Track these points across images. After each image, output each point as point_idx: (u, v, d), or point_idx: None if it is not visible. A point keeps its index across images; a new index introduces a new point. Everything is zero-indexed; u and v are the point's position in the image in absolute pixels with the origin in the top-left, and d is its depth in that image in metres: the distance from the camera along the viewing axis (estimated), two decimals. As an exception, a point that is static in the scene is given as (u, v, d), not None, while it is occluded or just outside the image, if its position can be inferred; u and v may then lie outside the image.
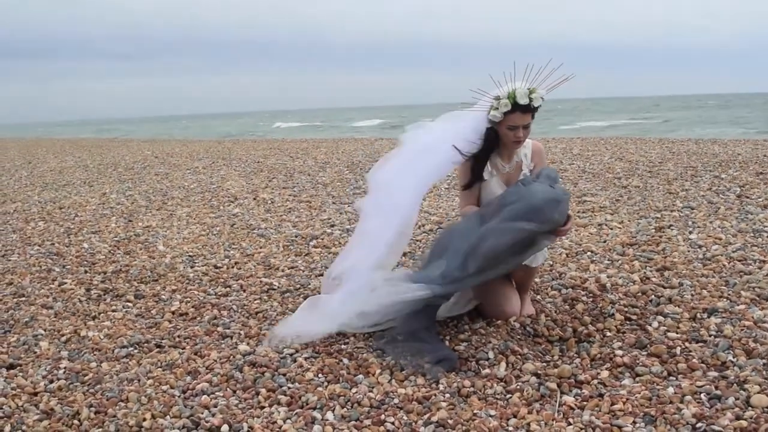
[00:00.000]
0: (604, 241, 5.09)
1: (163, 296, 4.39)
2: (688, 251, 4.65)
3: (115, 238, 6.20)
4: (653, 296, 3.77)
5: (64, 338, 3.73)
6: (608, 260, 4.56)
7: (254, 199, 8.22)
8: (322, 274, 4.61)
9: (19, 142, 28.93)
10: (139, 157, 15.68)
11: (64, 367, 3.29)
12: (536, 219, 3.13)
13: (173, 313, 4.06)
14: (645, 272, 4.22)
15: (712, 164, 9.05)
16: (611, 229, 5.52)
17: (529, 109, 3.25)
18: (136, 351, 3.48)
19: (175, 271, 4.93)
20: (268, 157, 14.05)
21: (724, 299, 3.66)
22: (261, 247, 5.57)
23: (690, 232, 5.20)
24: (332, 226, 6.30)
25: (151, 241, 6.00)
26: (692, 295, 3.76)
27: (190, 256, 5.39)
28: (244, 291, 4.39)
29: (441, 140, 3.41)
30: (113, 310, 4.17)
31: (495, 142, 3.41)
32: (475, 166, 3.46)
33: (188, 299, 4.28)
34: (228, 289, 4.46)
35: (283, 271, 4.80)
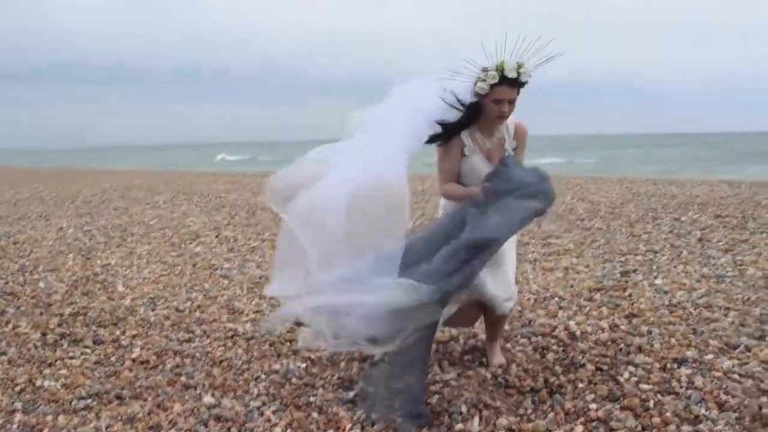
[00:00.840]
0: (572, 286, 5.10)
1: (123, 342, 4.24)
2: (654, 297, 4.68)
3: (73, 277, 6.01)
4: (623, 345, 3.76)
5: (18, 388, 3.56)
6: (576, 306, 4.56)
7: (216, 236, 8.08)
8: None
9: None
10: (97, 190, 15.37)
11: (18, 421, 3.14)
12: (543, 198, 3.06)
13: (134, 360, 3.91)
14: (613, 319, 4.22)
15: (672, 206, 9.21)
16: (577, 273, 5.54)
17: (516, 84, 3.16)
18: (95, 403, 3.34)
19: (136, 315, 4.78)
20: (230, 192, 13.91)
21: (693, 348, 3.68)
22: (224, 289, 5.45)
23: (655, 277, 5.24)
24: (297, 266, 6.19)
25: (110, 281, 5.83)
26: (661, 343, 3.76)
27: (151, 298, 5.24)
28: (208, 337, 4.27)
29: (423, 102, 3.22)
30: (70, 357, 4.00)
31: (477, 114, 3.27)
32: (451, 131, 3.29)
33: (149, 345, 4.14)
34: (191, 334, 4.33)
35: (247, 315, 4.69)
